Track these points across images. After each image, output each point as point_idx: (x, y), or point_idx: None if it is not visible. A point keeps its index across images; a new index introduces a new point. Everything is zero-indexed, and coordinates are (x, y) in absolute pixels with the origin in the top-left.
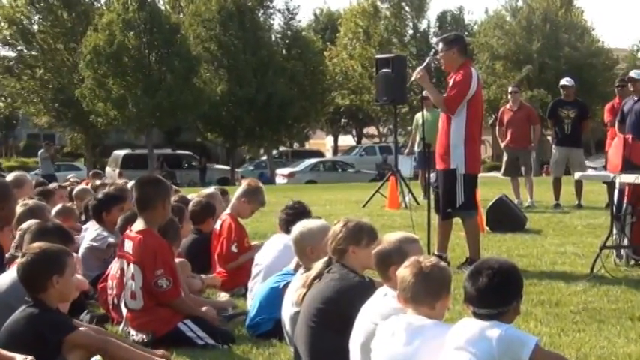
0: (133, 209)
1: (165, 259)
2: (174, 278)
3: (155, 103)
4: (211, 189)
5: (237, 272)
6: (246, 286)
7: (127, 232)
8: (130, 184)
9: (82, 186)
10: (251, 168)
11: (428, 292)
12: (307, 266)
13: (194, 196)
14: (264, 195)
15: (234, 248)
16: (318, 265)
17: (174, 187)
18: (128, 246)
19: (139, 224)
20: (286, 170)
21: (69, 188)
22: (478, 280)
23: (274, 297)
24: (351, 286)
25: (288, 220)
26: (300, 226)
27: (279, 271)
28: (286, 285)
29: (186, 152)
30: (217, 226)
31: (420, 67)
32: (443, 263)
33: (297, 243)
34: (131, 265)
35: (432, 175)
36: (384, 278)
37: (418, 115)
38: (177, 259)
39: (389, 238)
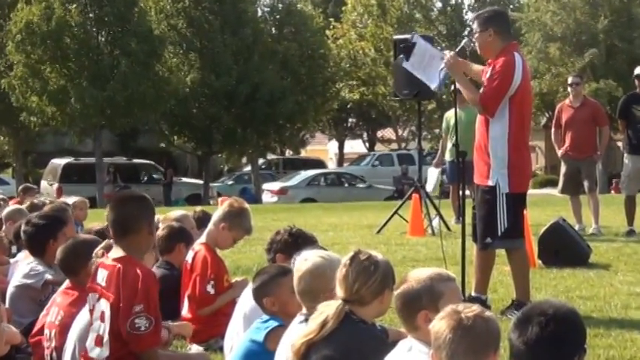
0: (72, 237)
1: (149, 292)
2: (157, 320)
3: (105, 97)
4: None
5: (213, 319)
6: (224, 336)
7: (103, 259)
8: (71, 200)
9: (15, 206)
10: (230, 182)
11: (470, 351)
12: (311, 312)
13: (159, 218)
14: (250, 219)
15: (210, 288)
16: (327, 312)
17: None
18: (101, 277)
19: (117, 251)
20: (276, 185)
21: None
22: (527, 329)
23: (257, 353)
24: (362, 342)
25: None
26: (312, 261)
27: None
28: (269, 335)
29: (146, 161)
30: (189, 258)
31: (452, 51)
32: (488, 313)
33: (310, 283)
34: (102, 300)
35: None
36: (410, 327)
37: (449, 114)
38: None
39: (417, 276)
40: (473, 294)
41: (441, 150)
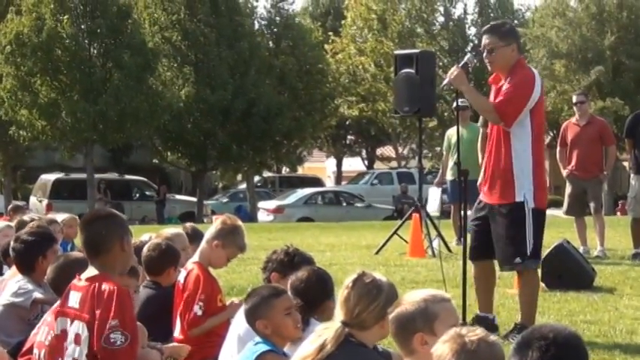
0: (62, 255)
1: (124, 308)
2: (133, 336)
3: (97, 112)
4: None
5: (206, 340)
6: (217, 358)
7: (75, 281)
8: (60, 217)
9: (2, 222)
10: (225, 200)
11: None
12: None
13: (151, 236)
14: (243, 236)
15: (197, 309)
16: (325, 335)
17: None
18: (74, 299)
19: (91, 271)
20: (272, 203)
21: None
22: (527, 354)
23: None
24: None
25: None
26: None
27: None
28: (261, 356)
29: (139, 178)
30: (181, 277)
31: (456, 65)
32: (493, 337)
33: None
34: (75, 322)
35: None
36: (406, 351)
37: (451, 132)
38: None
39: (411, 298)
40: (479, 313)
41: (443, 169)
